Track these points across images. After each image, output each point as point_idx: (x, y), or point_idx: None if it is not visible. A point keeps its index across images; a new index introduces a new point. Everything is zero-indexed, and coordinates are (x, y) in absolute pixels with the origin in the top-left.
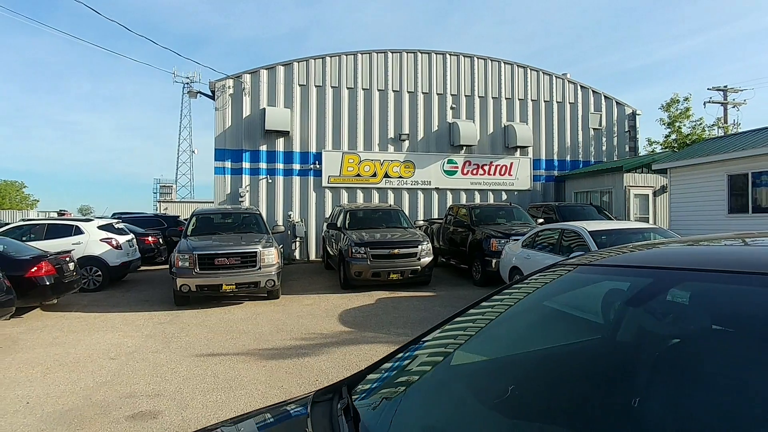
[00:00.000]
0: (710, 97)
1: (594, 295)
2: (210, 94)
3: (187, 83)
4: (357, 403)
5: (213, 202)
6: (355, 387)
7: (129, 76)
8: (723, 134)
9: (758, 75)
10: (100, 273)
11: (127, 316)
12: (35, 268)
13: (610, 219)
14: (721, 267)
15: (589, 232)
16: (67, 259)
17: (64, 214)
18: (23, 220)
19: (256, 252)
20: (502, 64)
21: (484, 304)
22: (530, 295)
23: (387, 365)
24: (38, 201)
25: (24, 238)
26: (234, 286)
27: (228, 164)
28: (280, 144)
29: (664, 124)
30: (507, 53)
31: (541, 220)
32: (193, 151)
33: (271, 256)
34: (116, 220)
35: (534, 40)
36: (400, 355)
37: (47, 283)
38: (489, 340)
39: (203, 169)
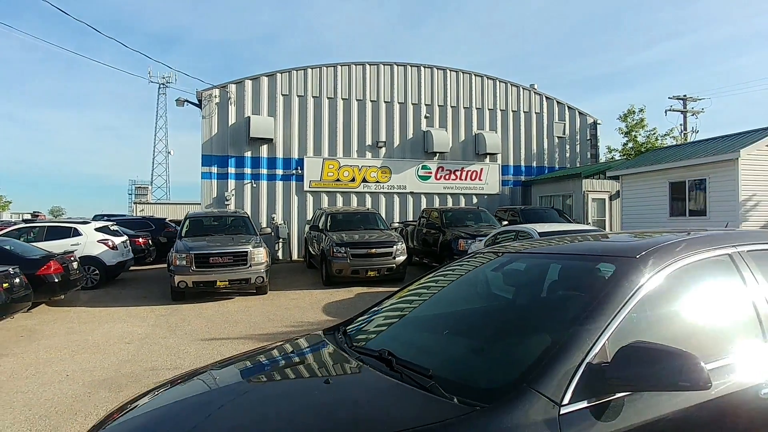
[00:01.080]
0: (671, 106)
1: (504, 268)
2: (197, 102)
3: (163, 84)
4: (349, 331)
5: (191, 204)
6: (348, 326)
7: (101, 74)
8: (674, 144)
9: (719, 83)
10: (97, 272)
11: (130, 310)
12: (45, 267)
13: (569, 221)
14: (562, 252)
15: (538, 232)
16: (72, 258)
17: (37, 216)
18: (24, 221)
19: (247, 252)
20: (473, 76)
21: (430, 277)
22: (464, 271)
23: (364, 317)
24: (11, 202)
25: (22, 239)
26: (227, 282)
27: (214, 169)
28: (264, 150)
29: (622, 133)
30: (481, 57)
31: (505, 222)
32: (169, 152)
33: (260, 255)
34: (111, 223)
35: (508, 44)
36: (373, 309)
37: (56, 281)
38: (432, 300)
39: (179, 170)
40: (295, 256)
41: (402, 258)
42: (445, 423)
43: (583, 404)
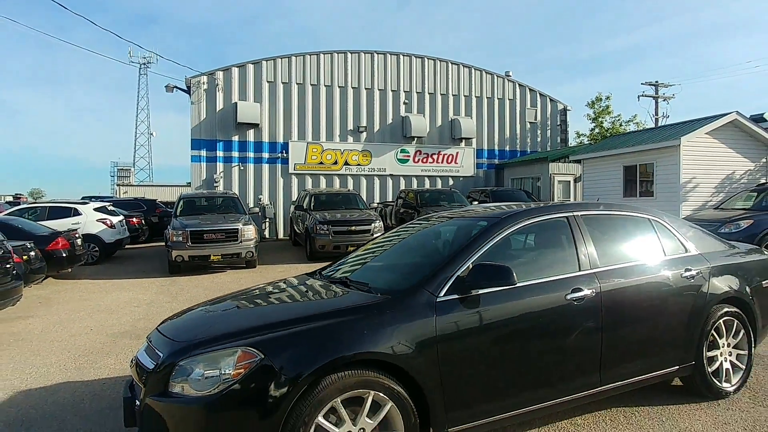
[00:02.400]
0: (643, 91)
1: (429, 226)
2: (186, 89)
3: (144, 65)
4: (324, 272)
5: (175, 186)
6: (323, 271)
7: (79, 54)
8: (633, 130)
9: (701, 67)
10: (97, 249)
11: (133, 282)
12: (54, 243)
13: (535, 201)
14: (464, 216)
15: None
16: (76, 235)
17: (19, 198)
18: (8, 203)
19: (237, 229)
20: (450, 64)
21: (380, 237)
22: (421, 227)
23: (333, 265)
24: None
25: (26, 218)
26: (220, 257)
27: (203, 153)
28: (250, 135)
29: (590, 119)
30: (465, 41)
31: (475, 203)
32: (152, 134)
33: (249, 232)
34: (109, 203)
35: (493, 29)
36: (340, 261)
37: (64, 255)
38: (378, 250)
39: (162, 152)
40: (281, 235)
41: (379, 234)
42: (373, 302)
43: (453, 296)
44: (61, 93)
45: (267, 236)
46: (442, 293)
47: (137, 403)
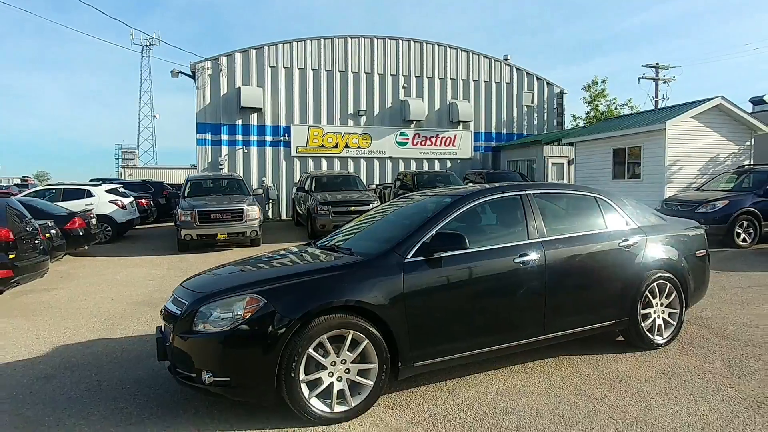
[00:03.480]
0: (644, 74)
1: (410, 201)
2: (191, 74)
3: (146, 47)
4: (317, 242)
5: (179, 168)
6: (316, 241)
7: (81, 37)
8: (630, 113)
9: (700, 50)
10: (110, 228)
11: (145, 259)
12: (71, 222)
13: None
14: (437, 194)
15: None
16: (91, 215)
17: (26, 181)
18: (16, 186)
19: (242, 209)
20: (448, 49)
21: (372, 211)
22: (402, 204)
23: (326, 237)
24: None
25: (42, 199)
26: (226, 235)
27: (208, 136)
28: (253, 119)
29: (586, 102)
30: (473, 22)
31: (470, 184)
32: (155, 116)
33: (254, 212)
34: (119, 185)
35: (501, 8)
36: (333, 233)
37: (81, 234)
38: (371, 226)
39: (166, 134)
40: (284, 216)
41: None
42: (354, 262)
43: (419, 258)
44: (65, 77)
45: (270, 217)
46: (410, 255)
47: (168, 342)
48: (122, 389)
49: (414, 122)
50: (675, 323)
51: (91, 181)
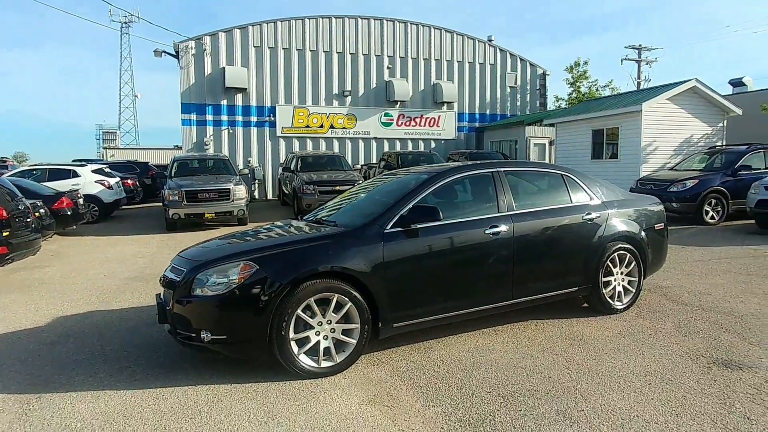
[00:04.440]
0: (626, 55)
1: (392, 178)
2: (174, 54)
3: (125, 23)
4: (304, 217)
5: (163, 149)
6: (303, 216)
7: (56, 14)
8: (610, 94)
9: (686, 31)
10: (97, 209)
11: (134, 238)
12: (59, 202)
13: None
14: (416, 172)
15: None
16: (78, 195)
17: (5, 162)
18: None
19: (229, 189)
20: (432, 29)
21: (355, 188)
22: (391, 177)
23: (312, 212)
24: None
25: (29, 180)
26: (213, 215)
27: (193, 116)
28: (238, 99)
29: (568, 83)
30: (458, 1)
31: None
32: (136, 96)
33: (240, 191)
34: (105, 165)
35: None
36: (318, 208)
37: (69, 213)
38: (354, 201)
39: (149, 114)
40: (270, 196)
41: None
42: (339, 232)
43: (397, 229)
44: (41, 54)
45: (256, 197)
46: (389, 226)
47: (168, 306)
48: (125, 353)
49: (398, 103)
50: (634, 290)
51: (74, 161)
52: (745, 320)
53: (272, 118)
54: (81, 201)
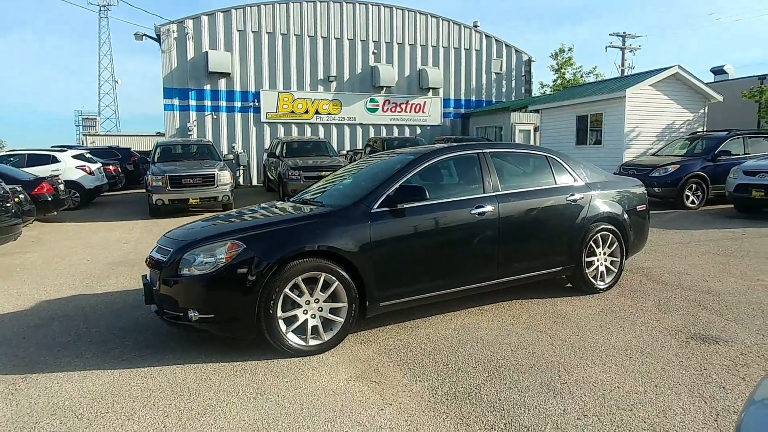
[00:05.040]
0: (611, 42)
1: (376, 158)
2: (155, 37)
3: (104, 6)
4: (291, 198)
5: (145, 136)
6: (290, 198)
7: None
8: (594, 81)
9: (673, 19)
10: (78, 195)
11: (117, 224)
12: (39, 188)
13: None
14: (401, 153)
15: None
16: (59, 181)
17: None
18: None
19: (214, 174)
20: (418, 14)
21: (341, 170)
22: (377, 159)
23: (299, 194)
24: None
25: (5, 165)
26: (198, 200)
27: (176, 101)
28: (222, 84)
29: (553, 70)
30: None
31: None
32: (116, 81)
33: (225, 177)
34: (86, 151)
35: None
36: (305, 190)
37: (49, 199)
38: (339, 182)
39: (130, 100)
40: (254, 182)
41: None
42: (325, 212)
43: (384, 209)
44: (18, 38)
45: (241, 183)
46: (376, 206)
47: (154, 286)
48: (111, 334)
49: (384, 88)
50: (616, 270)
51: (53, 147)
52: (722, 298)
53: (257, 104)
54: (62, 187)
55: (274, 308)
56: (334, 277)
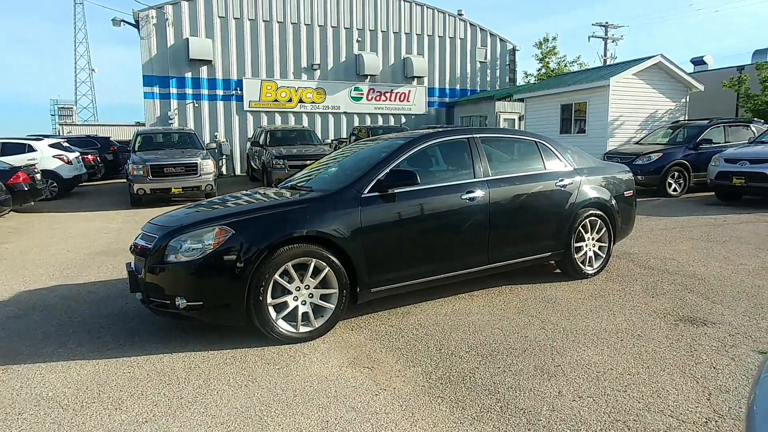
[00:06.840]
0: (594, 32)
1: (364, 144)
2: (134, 23)
3: None
4: (280, 185)
5: (123, 126)
6: (278, 184)
7: None
8: (578, 70)
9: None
10: (56, 185)
11: (97, 214)
12: (15, 177)
13: None
14: (390, 138)
15: None
16: (36, 170)
17: None
18: None
19: (196, 163)
20: (402, 2)
21: (329, 156)
22: (365, 144)
23: (288, 180)
24: None
25: None
26: (181, 189)
27: (156, 89)
28: (203, 71)
29: (537, 59)
30: None
31: None
32: (93, 70)
33: (208, 166)
34: (63, 140)
35: None
36: (294, 176)
37: (26, 189)
38: (328, 168)
39: (108, 89)
40: (238, 171)
41: None
42: (315, 197)
43: (374, 194)
44: None
45: (224, 173)
46: (366, 191)
47: (139, 274)
48: (95, 324)
49: (368, 77)
50: (604, 255)
51: (28, 137)
52: (707, 282)
53: (239, 92)
54: (38, 176)
55: (264, 295)
56: (324, 263)
